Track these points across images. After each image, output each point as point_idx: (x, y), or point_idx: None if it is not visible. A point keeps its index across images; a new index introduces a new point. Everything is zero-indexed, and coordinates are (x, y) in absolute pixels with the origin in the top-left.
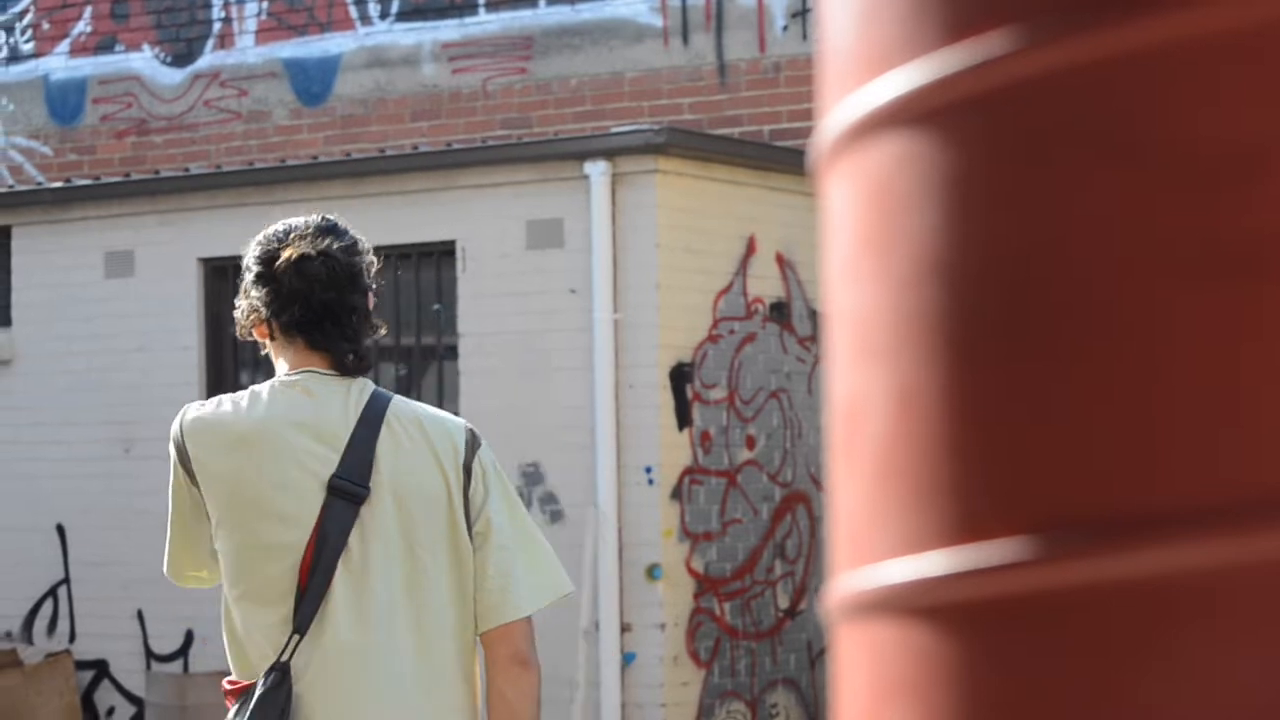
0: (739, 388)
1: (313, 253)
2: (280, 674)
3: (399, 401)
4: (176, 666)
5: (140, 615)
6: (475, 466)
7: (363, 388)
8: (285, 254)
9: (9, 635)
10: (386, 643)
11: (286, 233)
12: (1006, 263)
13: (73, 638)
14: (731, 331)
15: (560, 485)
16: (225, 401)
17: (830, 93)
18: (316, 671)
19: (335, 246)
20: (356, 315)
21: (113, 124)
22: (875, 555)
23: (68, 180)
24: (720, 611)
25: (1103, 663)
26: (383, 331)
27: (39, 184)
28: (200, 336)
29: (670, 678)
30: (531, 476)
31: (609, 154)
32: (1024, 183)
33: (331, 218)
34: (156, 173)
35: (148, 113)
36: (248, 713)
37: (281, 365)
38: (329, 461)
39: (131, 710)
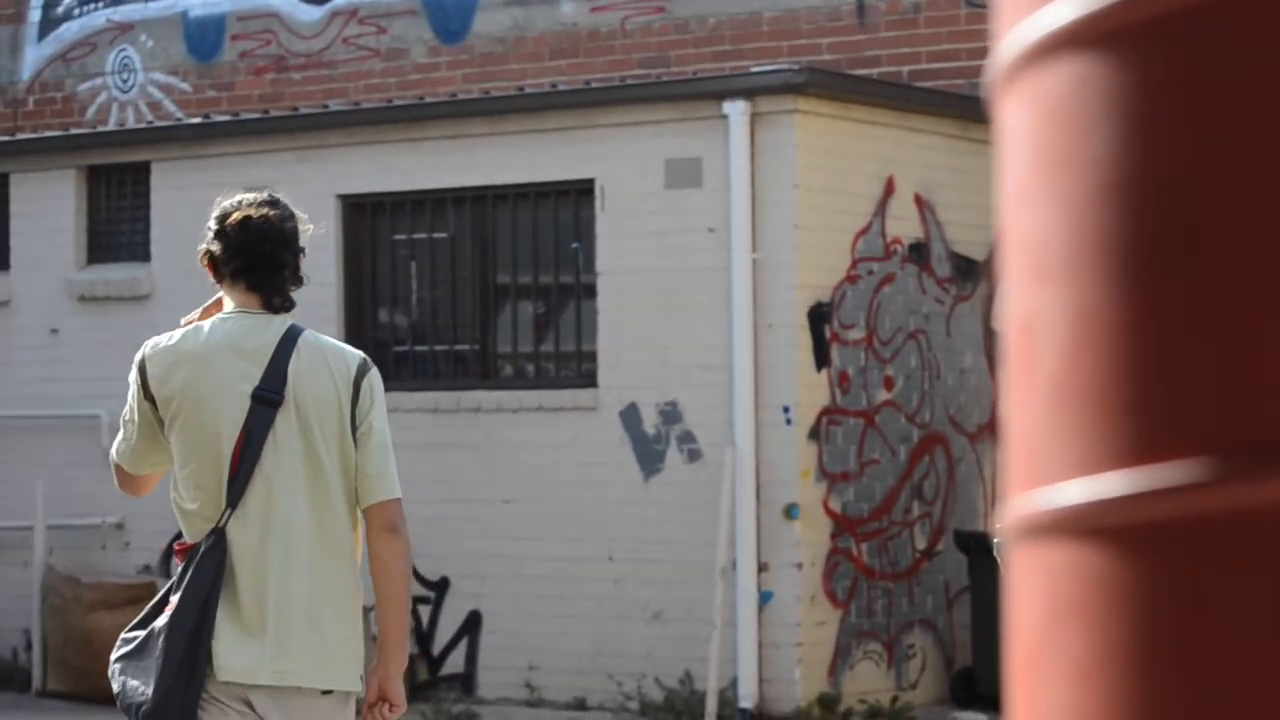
0: (877, 328)
1: (254, 215)
2: (218, 537)
3: (309, 333)
4: None
5: None
6: (364, 385)
7: (283, 322)
8: (234, 216)
9: (147, 569)
10: (293, 511)
11: (239, 202)
12: (1185, 183)
13: None
14: (870, 272)
15: (698, 424)
16: (177, 334)
17: (1008, 15)
18: (244, 533)
19: (272, 214)
20: (285, 269)
21: (251, 60)
22: (1051, 477)
23: (206, 116)
24: (857, 551)
25: None
26: (305, 283)
27: (178, 120)
28: (338, 273)
29: (807, 617)
30: (669, 415)
31: (748, 93)
32: (1204, 102)
33: (275, 195)
34: (295, 109)
35: (286, 50)
36: (194, 566)
37: (227, 301)
38: (254, 376)
39: None
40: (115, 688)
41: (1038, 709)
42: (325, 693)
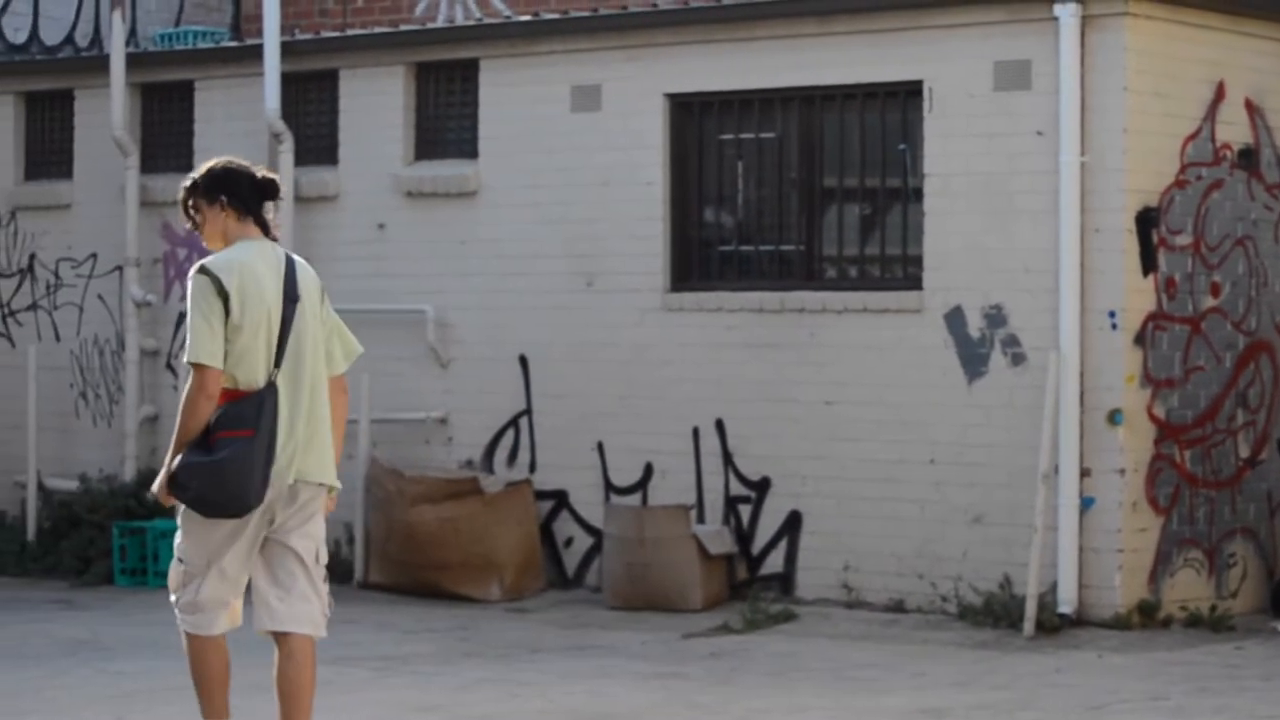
0: (1205, 234)
1: (272, 178)
2: (271, 386)
3: (293, 254)
4: (635, 499)
5: (600, 447)
6: (324, 294)
7: (277, 246)
8: (260, 175)
9: (470, 464)
10: (310, 370)
11: (247, 165)
12: None
13: (533, 468)
14: (1199, 177)
15: (1022, 328)
16: (223, 253)
17: None
18: (285, 384)
19: (270, 176)
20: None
21: None
22: None
23: (536, 14)
24: (1180, 459)
25: None
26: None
27: (506, 18)
28: (664, 172)
29: (1128, 524)
30: (994, 319)
31: None
32: None
33: None
34: (624, 8)
35: None
36: (261, 407)
37: (233, 230)
38: (279, 280)
39: (589, 541)
40: (194, 490)
41: None
42: (321, 485)
